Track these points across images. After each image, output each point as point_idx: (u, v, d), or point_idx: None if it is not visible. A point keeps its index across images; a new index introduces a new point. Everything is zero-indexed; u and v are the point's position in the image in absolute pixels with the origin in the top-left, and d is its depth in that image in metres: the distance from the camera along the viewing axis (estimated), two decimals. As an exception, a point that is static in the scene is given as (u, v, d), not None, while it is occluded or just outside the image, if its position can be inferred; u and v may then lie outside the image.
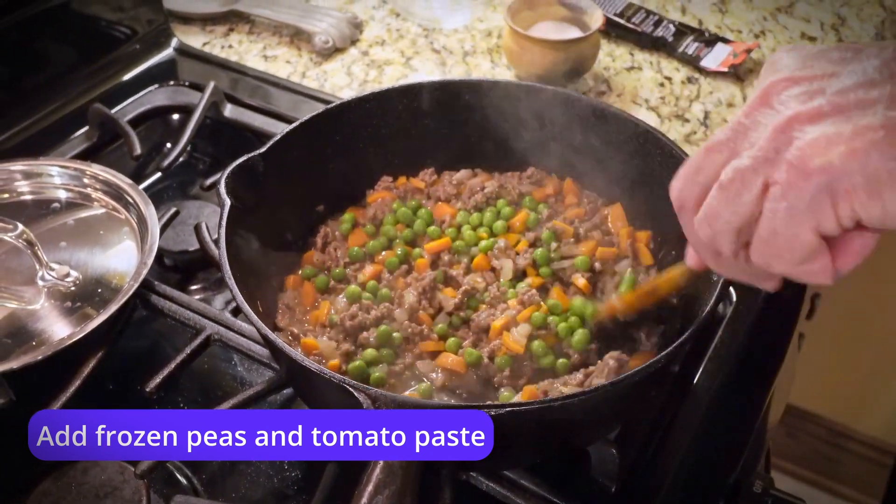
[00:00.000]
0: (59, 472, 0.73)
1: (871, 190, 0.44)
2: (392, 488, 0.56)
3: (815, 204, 0.46)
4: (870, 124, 0.44)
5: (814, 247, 0.47)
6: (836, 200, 0.45)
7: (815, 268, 0.49)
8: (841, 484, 2.14)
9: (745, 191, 0.48)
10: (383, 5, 1.41)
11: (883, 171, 0.43)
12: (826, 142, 0.45)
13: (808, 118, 0.46)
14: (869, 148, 0.44)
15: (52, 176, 0.95)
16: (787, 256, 0.48)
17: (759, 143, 0.48)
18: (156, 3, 1.25)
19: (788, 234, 0.47)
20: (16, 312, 0.82)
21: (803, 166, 0.45)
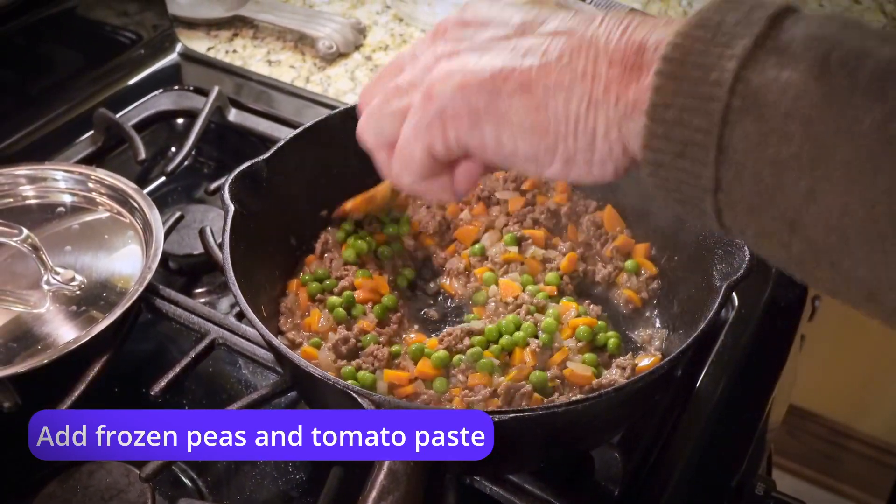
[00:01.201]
0: (64, 475, 0.73)
1: (472, 118, 0.51)
2: (396, 494, 0.56)
3: (431, 126, 0.53)
4: (485, 65, 0.51)
5: (427, 164, 0.55)
6: (445, 125, 0.53)
7: (435, 186, 0.58)
8: (842, 483, 2.14)
9: (393, 102, 0.57)
10: (387, 11, 1.41)
11: (484, 106, 0.51)
12: (449, 73, 0.52)
13: (449, 54, 0.54)
14: (477, 84, 0.51)
15: (57, 180, 0.95)
16: (409, 169, 0.57)
17: (414, 70, 0.56)
18: (160, 8, 1.25)
19: (409, 150, 0.55)
20: (21, 316, 0.82)
21: (429, 92, 0.53)
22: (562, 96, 0.48)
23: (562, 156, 0.50)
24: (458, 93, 0.51)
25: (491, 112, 0.50)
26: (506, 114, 0.50)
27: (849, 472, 2.15)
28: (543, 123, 0.49)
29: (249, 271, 0.76)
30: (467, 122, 0.52)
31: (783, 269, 0.45)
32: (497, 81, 0.50)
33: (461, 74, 0.51)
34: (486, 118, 0.51)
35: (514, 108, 0.50)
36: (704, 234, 0.76)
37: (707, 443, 0.80)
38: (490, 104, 0.50)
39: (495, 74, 0.50)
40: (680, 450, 0.79)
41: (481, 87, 0.50)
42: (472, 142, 0.52)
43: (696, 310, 0.73)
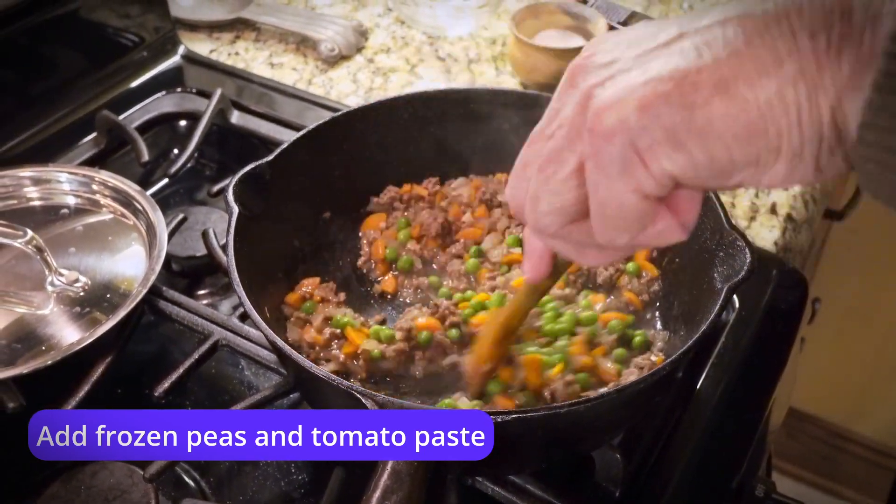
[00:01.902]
0: (67, 475, 0.73)
1: (672, 141, 0.42)
2: (399, 494, 0.56)
3: (626, 165, 0.44)
4: (659, 74, 0.42)
5: (644, 209, 0.46)
6: (643, 157, 0.43)
7: (659, 229, 0.47)
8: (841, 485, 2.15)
9: (559, 168, 0.47)
10: (388, 13, 1.42)
11: (678, 120, 0.42)
12: (616, 99, 0.43)
13: (602, 82, 0.44)
14: (660, 101, 0.42)
15: (61, 182, 0.95)
16: (623, 225, 0.47)
17: (565, 121, 0.47)
18: (163, 10, 1.25)
19: (615, 204, 0.45)
20: (25, 317, 0.83)
21: (600, 129, 0.44)
22: (772, 83, 0.40)
23: (787, 154, 0.42)
24: (642, 118, 0.42)
25: (690, 128, 0.42)
26: (709, 125, 0.41)
27: (847, 474, 2.15)
28: (758, 122, 0.41)
29: (252, 273, 0.76)
30: (667, 146, 0.42)
31: None
32: (685, 91, 0.41)
33: (634, 94, 0.43)
34: (686, 137, 0.42)
35: (717, 116, 0.41)
36: (706, 237, 0.76)
37: (707, 444, 0.80)
38: (686, 121, 0.42)
39: (679, 83, 0.42)
40: (680, 451, 0.79)
41: (667, 102, 0.42)
42: (680, 167, 0.43)
43: (697, 312, 0.74)
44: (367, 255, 0.92)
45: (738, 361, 0.86)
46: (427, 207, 0.94)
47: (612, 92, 0.44)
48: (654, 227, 0.47)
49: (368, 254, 0.92)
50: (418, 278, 0.90)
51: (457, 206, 0.93)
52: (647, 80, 0.42)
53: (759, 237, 1.02)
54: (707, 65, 0.41)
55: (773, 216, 1.04)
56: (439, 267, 0.91)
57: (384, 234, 0.93)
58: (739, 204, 1.06)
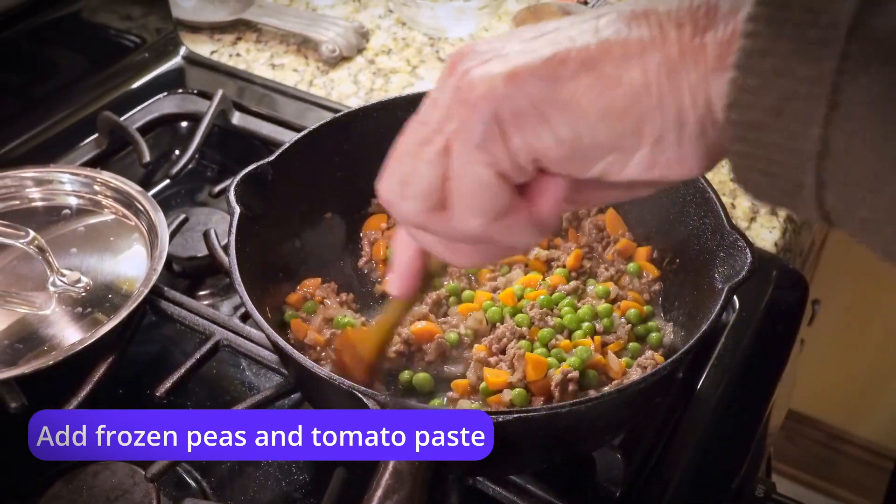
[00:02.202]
0: (70, 475, 0.73)
1: (536, 116, 0.42)
2: (401, 493, 0.57)
3: (487, 135, 0.43)
4: (536, 53, 0.42)
5: (498, 189, 0.44)
6: (504, 129, 0.43)
7: (510, 222, 0.46)
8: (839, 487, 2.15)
9: (428, 148, 0.45)
10: (389, 15, 1.42)
11: (546, 94, 0.42)
12: (488, 71, 0.43)
13: (480, 63, 0.44)
14: (527, 72, 0.42)
15: (63, 183, 0.96)
16: (475, 204, 0.45)
17: (437, 106, 0.45)
18: (164, 11, 1.26)
19: (469, 176, 0.44)
20: (27, 318, 0.83)
21: (468, 98, 0.43)
22: (636, 65, 0.41)
23: (650, 137, 0.42)
24: (508, 86, 0.42)
25: (555, 101, 0.42)
26: (573, 99, 0.41)
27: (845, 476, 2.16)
28: (621, 101, 0.41)
29: (254, 273, 0.76)
30: (531, 119, 0.42)
31: (891, 262, 0.38)
32: (552, 66, 0.42)
33: (505, 68, 0.43)
34: (551, 109, 0.42)
35: (581, 91, 0.41)
36: (706, 237, 0.76)
37: (707, 445, 0.80)
38: (552, 92, 0.42)
39: (548, 59, 0.42)
40: (681, 452, 0.79)
41: (535, 74, 0.42)
42: (543, 142, 0.43)
43: (698, 312, 0.74)
44: (367, 255, 0.92)
45: (738, 362, 0.86)
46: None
47: (486, 68, 0.43)
48: (506, 218, 0.46)
49: (369, 254, 0.92)
50: None
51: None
52: (520, 59, 0.43)
53: (759, 238, 1.02)
54: (577, 47, 0.42)
55: (773, 217, 1.05)
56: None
57: (385, 235, 0.93)
58: (740, 205, 1.06)
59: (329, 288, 0.87)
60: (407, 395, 0.80)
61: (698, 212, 0.78)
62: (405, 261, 0.56)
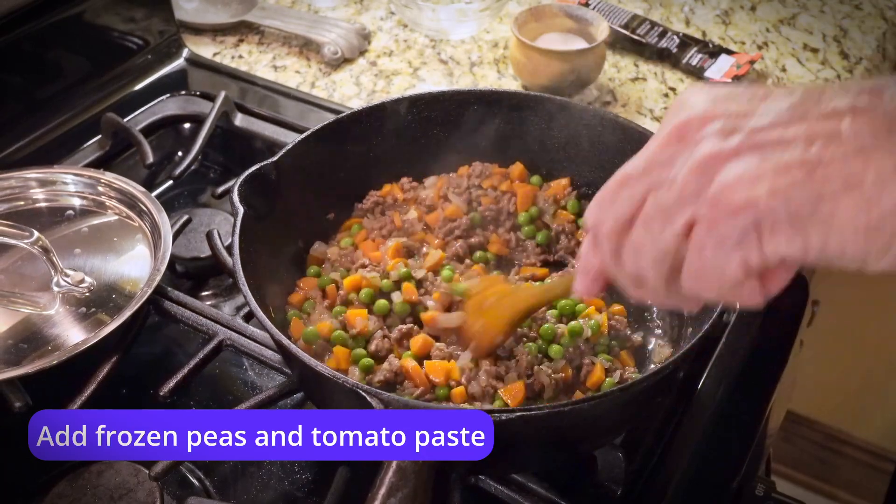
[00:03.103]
0: (74, 475, 0.73)
1: (794, 226, 0.45)
2: (405, 491, 0.57)
3: (742, 240, 0.46)
4: (790, 162, 0.44)
5: (742, 279, 0.48)
6: (761, 237, 0.46)
7: (744, 293, 0.49)
8: (838, 488, 2.15)
9: (668, 226, 0.49)
10: (391, 17, 1.43)
11: (805, 209, 0.44)
12: (749, 179, 0.45)
13: (728, 156, 0.46)
14: (790, 186, 0.44)
15: (67, 184, 0.96)
16: (716, 287, 0.49)
17: (679, 180, 0.48)
18: (167, 14, 1.26)
19: (717, 269, 0.48)
20: (31, 318, 0.84)
21: (728, 203, 0.46)
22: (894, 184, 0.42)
23: (894, 251, 0.44)
24: (773, 200, 0.44)
25: (816, 217, 0.44)
26: (833, 216, 0.44)
27: (844, 477, 2.16)
28: (879, 221, 0.43)
29: (257, 273, 0.77)
30: (788, 231, 0.45)
31: None
32: (817, 182, 0.43)
33: (764, 177, 0.45)
34: (809, 223, 0.44)
35: (841, 210, 0.43)
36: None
37: (708, 445, 0.81)
38: (814, 209, 0.44)
39: (810, 172, 0.44)
40: (682, 451, 0.80)
41: (801, 189, 0.44)
42: (793, 250, 0.45)
43: (699, 313, 0.74)
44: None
45: (738, 362, 0.87)
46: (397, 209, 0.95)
47: (741, 170, 0.45)
48: (740, 291, 0.49)
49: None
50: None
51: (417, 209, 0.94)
52: (777, 165, 0.45)
53: (759, 239, 1.02)
54: (837, 158, 0.43)
55: (773, 218, 1.05)
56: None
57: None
58: (740, 206, 1.07)
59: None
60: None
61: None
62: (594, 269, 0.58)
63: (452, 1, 1.40)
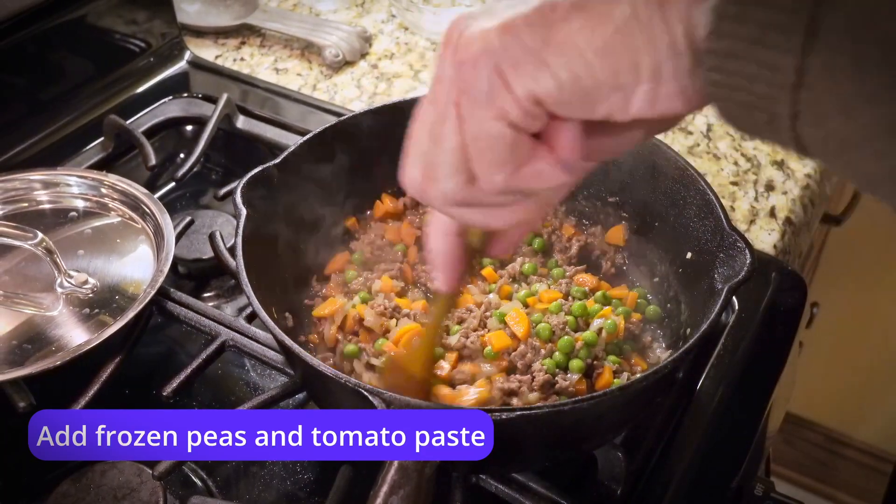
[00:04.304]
0: (77, 474, 0.74)
1: (533, 58, 0.43)
2: (407, 489, 0.57)
3: (490, 89, 0.44)
4: (515, 4, 0.43)
5: (514, 139, 0.45)
6: (506, 79, 0.44)
7: (536, 168, 0.47)
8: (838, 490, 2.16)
9: (444, 123, 0.46)
10: (392, 20, 1.43)
11: (540, 40, 0.42)
12: (480, 27, 0.44)
13: (467, 20, 0.45)
14: (520, 21, 0.43)
15: (70, 185, 0.97)
16: (495, 159, 0.46)
17: (443, 76, 0.46)
18: (169, 16, 1.27)
19: (483, 134, 0.45)
20: (35, 318, 0.84)
21: (466, 57, 0.44)
22: (623, 3, 0.41)
23: (647, 70, 0.42)
24: (503, 36, 0.43)
25: (551, 43, 0.42)
26: (567, 40, 0.42)
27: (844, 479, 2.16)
28: (614, 36, 0.41)
29: (259, 274, 0.77)
30: (529, 65, 0.43)
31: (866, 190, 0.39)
32: (544, 12, 0.42)
33: (497, 21, 0.43)
34: (547, 52, 0.42)
35: (574, 31, 0.42)
36: (706, 238, 0.77)
37: (708, 444, 0.81)
38: (546, 36, 0.42)
39: (538, 7, 0.43)
40: (681, 450, 0.80)
41: (527, 22, 0.43)
42: (545, 86, 0.43)
43: (698, 313, 0.75)
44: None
45: (737, 362, 0.87)
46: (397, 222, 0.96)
47: (478, 24, 0.44)
48: (531, 165, 0.46)
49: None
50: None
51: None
52: (511, 11, 0.43)
53: (758, 240, 1.03)
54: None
55: (772, 219, 1.06)
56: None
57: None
58: (739, 207, 1.07)
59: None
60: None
61: (698, 213, 0.79)
62: (444, 250, 0.56)
63: (453, 4, 1.41)
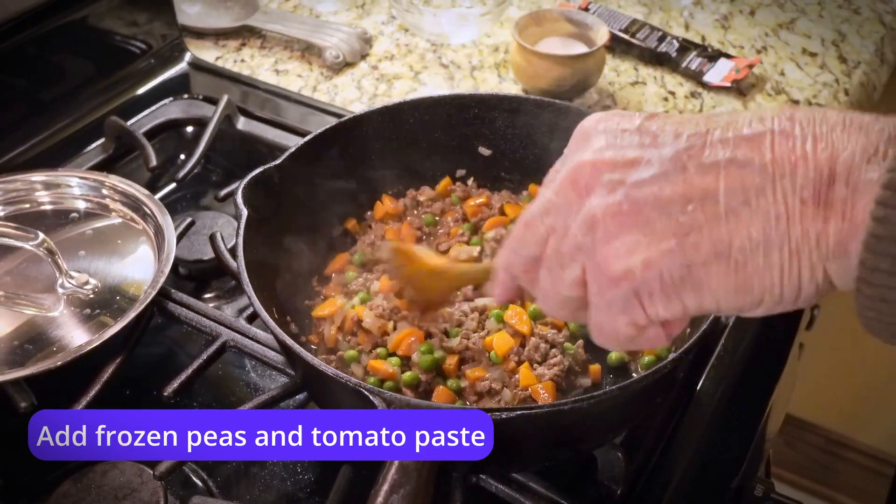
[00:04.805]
0: (78, 474, 0.74)
1: (669, 294, 0.48)
2: (407, 488, 0.57)
3: (626, 306, 0.50)
4: (664, 230, 0.47)
5: (634, 334, 0.52)
6: (642, 303, 0.49)
7: (647, 338, 0.53)
8: (839, 493, 2.15)
9: (566, 273, 0.52)
10: (392, 21, 1.43)
11: (676, 278, 0.47)
12: (626, 250, 0.48)
13: (611, 215, 0.49)
14: (662, 256, 0.47)
15: (72, 186, 0.97)
16: (616, 342, 0.54)
17: (571, 232, 0.51)
18: (170, 18, 1.27)
19: (611, 328, 0.52)
20: (36, 319, 0.84)
21: (609, 272, 0.49)
22: (760, 253, 0.45)
23: (767, 304, 0.47)
24: (647, 272, 0.48)
25: (687, 283, 0.47)
26: (704, 282, 0.47)
27: (845, 482, 2.16)
28: (746, 283, 0.46)
29: (260, 275, 0.78)
30: (663, 297, 0.49)
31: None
32: (687, 252, 0.47)
33: (638, 249, 0.48)
34: (682, 290, 0.48)
35: (712, 276, 0.47)
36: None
37: (707, 445, 0.81)
38: (685, 277, 0.47)
39: (683, 244, 0.47)
40: (681, 451, 0.80)
41: (672, 259, 0.47)
42: (672, 311, 0.49)
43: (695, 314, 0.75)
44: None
45: (737, 363, 0.87)
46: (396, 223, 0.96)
47: (619, 242, 0.49)
48: (642, 337, 0.53)
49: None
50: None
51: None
52: (652, 235, 0.47)
53: (758, 241, 1.03)
54: (708, 222, 0.46)
55: (772, 221, 1.06)
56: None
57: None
58: (739, 209, 1.07)
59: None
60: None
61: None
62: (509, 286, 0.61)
63: (453, 5, 1.41)
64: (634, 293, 0.49)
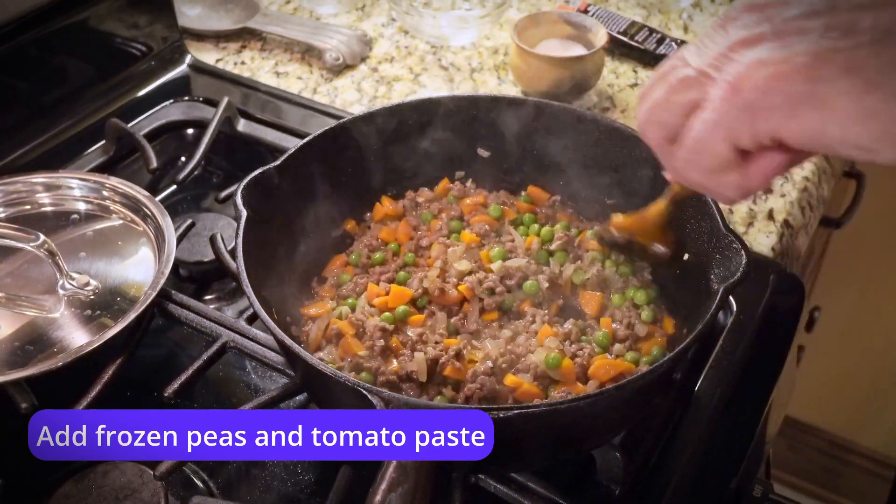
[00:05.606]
0: (79, 475, 0.74)
1: (789, 109, 0.47)
2: (405, 486, 0.58)
3: (737, 118, 0.49)
4: (799, 50, 0.46)
5: (725, 158, 0.51)
6: (756, 117, 0.48)
7: (726, 180, 0.53)
8: (841, 496, 2.15)
9: (681, 93, 0.53)
10: (392, 23, 1.44)
11: (803, 93, 0.46)
12: (758, 64, 0.48)
13: (750, 42, 0.49)
14: (793, 71, 0.46)
15: (72, 188, 0.97)
16: (702, 164, 0.53)
17: (705, 59, 0.52)
18: (170, 20, 1.27)
19: (706, 143, 0.51)
20: (36, 320, 0.85)
21: (736, 84, 0.49)
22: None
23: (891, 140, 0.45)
24: (771, 82, 0.47)
25: (813, 99, 0.46)
26: (831, 100, 0.45)
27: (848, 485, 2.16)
28: (877, 106, 0.44)
29: (260, 276, 0.78)
30: (784, 112, 0.47)
31: None
32: (818, 65, 0.45)
33: (773, 62, 0.47)
34: (807, 106, 0.46)
35: (840, 93, 0.45)
36: (703, 240, 0.78)
37: (706, 445, 0.81)
38: (812, 92, 0.46)
39: (817, 57, 0.46)
40: (680, 452, 0.80)
41: (799, 73, 0.46)
42: (789, 132, 0.47)
43: (695, 313, 0.75)
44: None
45: (736, 364, 0.87)
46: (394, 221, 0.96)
47: (756, 55, 0.48)
48: (722, 177, 0.53)
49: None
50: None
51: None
52: (789, 52, 0.47)
53: (756, 242, 1.03)
54: (849, 47, 0.45)
55: (770, 222, 1.06)
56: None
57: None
58: (737, 210, 1.08)
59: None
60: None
61: (695, 215, 0.80)
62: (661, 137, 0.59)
63: (453, 7, 1.41)
64: (752, 105, 0.48)
